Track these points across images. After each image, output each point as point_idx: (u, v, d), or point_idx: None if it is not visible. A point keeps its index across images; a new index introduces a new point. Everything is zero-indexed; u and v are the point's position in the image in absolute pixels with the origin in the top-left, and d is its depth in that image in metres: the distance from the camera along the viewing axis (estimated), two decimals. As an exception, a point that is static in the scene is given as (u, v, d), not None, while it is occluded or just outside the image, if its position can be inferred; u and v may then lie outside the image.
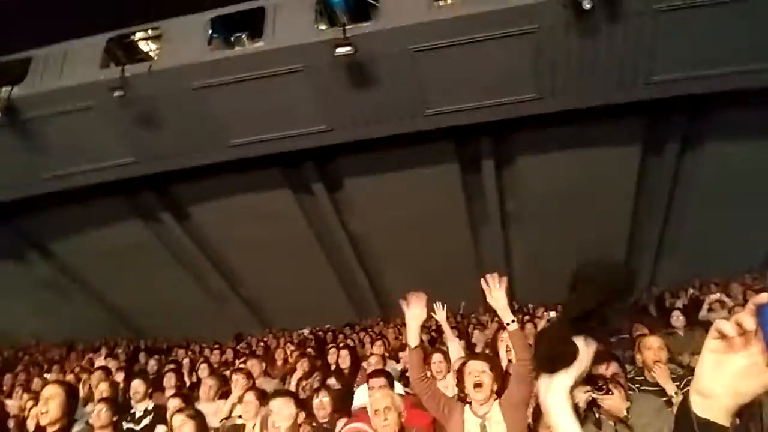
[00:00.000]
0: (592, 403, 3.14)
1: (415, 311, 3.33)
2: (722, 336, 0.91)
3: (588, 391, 3.14)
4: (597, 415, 3.14)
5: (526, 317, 9.48)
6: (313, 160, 12.80)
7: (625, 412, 3.01)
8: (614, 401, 3.01)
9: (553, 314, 10.56)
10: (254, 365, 6.29)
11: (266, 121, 11.08)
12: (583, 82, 10.47)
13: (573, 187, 12.41)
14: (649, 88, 10.55)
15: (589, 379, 3.19)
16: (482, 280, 3.19)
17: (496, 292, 3.13)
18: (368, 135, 11.52)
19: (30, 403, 5.28)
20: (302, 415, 3.54)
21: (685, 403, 0.96)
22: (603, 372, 3.21)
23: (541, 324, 7.83)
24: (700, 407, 0.93)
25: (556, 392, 1.18)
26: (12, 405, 6.63)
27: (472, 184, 13.18)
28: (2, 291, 14.10)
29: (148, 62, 10.99)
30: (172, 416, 3.62)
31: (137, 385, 5.28)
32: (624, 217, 13.37)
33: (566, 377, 1.20)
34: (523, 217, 13.51)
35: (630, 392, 3.24)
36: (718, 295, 8.41)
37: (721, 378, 0.91)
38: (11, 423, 5.72)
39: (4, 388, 8.37)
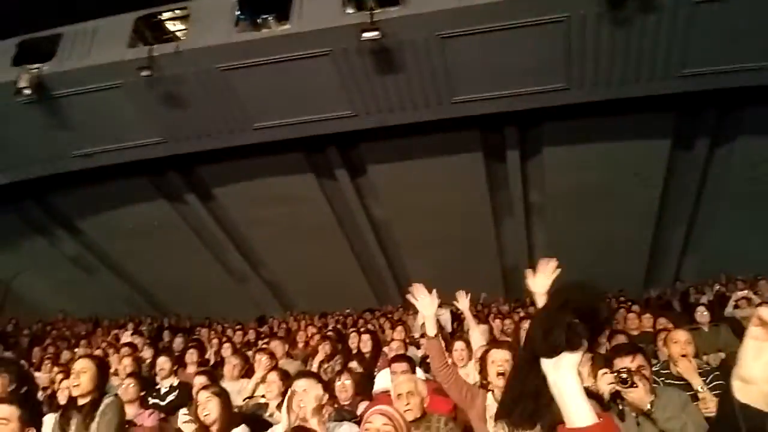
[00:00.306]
0: (616, 395, 3.14)
1: (425, 301, 3.34)
2: (763, 323, 0.92)
3: (612, 383, 3.14)
4: (620, 407, 3.14)
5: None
6: (336, 145, 12.81)
7: (648, 406, 2.99)
8: (638, 394, 2.99)
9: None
10: (277, 346, 6.36)
11: (291, 105, 11.07)
12: (613, 73, 10.28)
13: (599, 180, 12.23)
14: (681, 80, 10.30)
15: (613, 371, 3.19)
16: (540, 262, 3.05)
17: (542, 276, 3.04)
18: (393, 121, 11.45)
19: (60, 376, 5.41)
20: (325, 397, 3.59)
21: (727, 389, 0.98)
22: (628, 364, 3.19)
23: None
24: (741, 392, 0.95)
25: (565, 371, 1.15)
26: (42, 377, 6.78)
27: (497, 174, 13.07)
28: (31, 266, 14.46)
29: (176, 42, 11.04)
30: (197, 393, 3.69)
31: (163, 362, 5.40)
32: (650, 212, 13.16)
33: (574, 356, 1.17)
34: (547, 208, 13.38)
35: (654, 386, 3.22)
36: (745, 292, 8.27)
37: (760, 364, 0.93)
38: (41, 395, 5.86)
39: (34, 361, 8.53)
